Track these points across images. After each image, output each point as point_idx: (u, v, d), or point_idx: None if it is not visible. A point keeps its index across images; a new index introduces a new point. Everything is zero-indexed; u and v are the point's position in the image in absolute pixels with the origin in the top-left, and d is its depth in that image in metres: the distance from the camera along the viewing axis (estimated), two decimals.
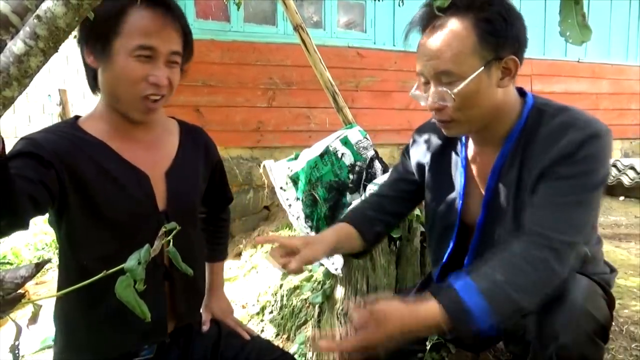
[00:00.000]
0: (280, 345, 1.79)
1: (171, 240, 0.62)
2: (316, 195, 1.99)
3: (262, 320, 2.21)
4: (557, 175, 0.95)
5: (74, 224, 1.01)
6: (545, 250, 0.89)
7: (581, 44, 0.76)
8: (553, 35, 4.01)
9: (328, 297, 1.95)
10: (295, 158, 2.16)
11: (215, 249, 1.36)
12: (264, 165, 2.21)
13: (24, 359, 2.18)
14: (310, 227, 1.99)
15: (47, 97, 5.77)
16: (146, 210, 1.06)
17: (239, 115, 3.82)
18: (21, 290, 0.55)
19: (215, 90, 3.72)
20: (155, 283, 1.06)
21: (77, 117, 1.09)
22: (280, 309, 2.17)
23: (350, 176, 2.04)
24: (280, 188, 2.10)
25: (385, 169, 2.05)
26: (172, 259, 0.65)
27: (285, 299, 2.18)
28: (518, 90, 1.09)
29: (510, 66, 1.00)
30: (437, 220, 1.22)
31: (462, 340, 1.24)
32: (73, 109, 4.88)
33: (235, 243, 3.48)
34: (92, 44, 0.99)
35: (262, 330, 2.14)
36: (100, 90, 1.05)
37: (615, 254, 2.45)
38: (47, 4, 0.55)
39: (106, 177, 1.02)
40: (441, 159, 1.21)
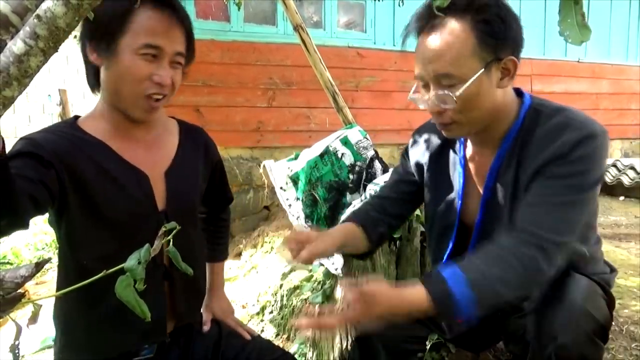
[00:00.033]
0: (280, 345, 1.79)
1: (171, 240, 0.62)
2: (316, 195, 1.99)
3: (262, 320, 2.21)
4: (552, 175, 0.95)
5: (73, 223, 1.01)
6: (535, 249, 0.90)
7: (580, 44, 0.76)
8: (553, 35, 4.00)
9: (328, 297, 1.95)
10: (295, 158, 2.16)
11: (215, 249, 1.36)
12: (264, 165, 2.21)
13: (24, 359, 2.18)
14: (310, 227, 1.99)
15: (47, 97, 5.77)
16: (146, 210, 1.06)
17: (239, 115, 3.82)
18: (21, 290, 0.56)
19: (215, 90, 3.72)
20: (155, 283, 1.06)
21: (77, 117, 1.09)
22: (280, 309, 2.17)
23: (350, 176, 2.04)
24: (280, 188, 2.10)
25: (385, 169, 2.05)
26: (172, 258, 0.66)
27: (285, 299, 2.18)
28: (515, 91, 1.09)
29: (510, 66, 1.00)
30: (437, 220, 1.22)
31: (451, 331, 1.25)
32: (73, 109, 4.88)
33: (235, 243, 3.48)
34: (97, 41, 0.99)
35: (262, 330, 2.14)
36: (100, 89, 1.05)
37: (615, 254, 2.45)
38: (47, 4, 0.55)
39: (106, 177, 1.02)
40: (440, 159, 1.21)
